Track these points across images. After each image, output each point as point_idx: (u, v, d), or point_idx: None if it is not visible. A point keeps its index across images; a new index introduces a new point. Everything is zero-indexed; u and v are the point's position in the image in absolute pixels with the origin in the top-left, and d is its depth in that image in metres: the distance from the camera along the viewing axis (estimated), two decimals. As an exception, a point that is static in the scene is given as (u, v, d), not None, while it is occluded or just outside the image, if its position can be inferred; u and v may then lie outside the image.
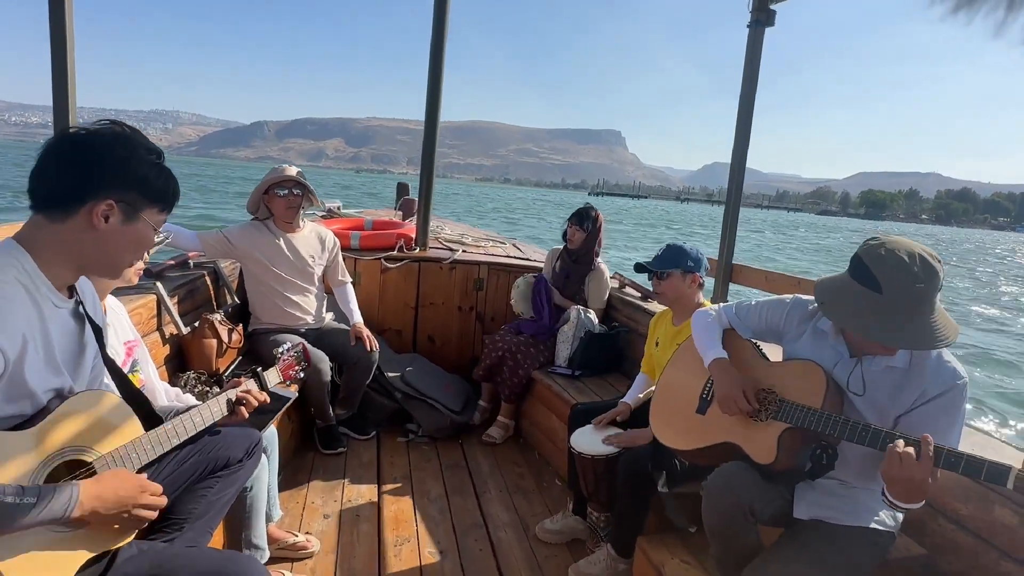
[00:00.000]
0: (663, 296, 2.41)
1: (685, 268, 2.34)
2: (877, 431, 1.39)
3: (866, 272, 1.44)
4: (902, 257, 1.40)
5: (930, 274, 1.39)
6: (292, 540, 2.25)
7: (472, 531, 2.55)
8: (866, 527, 1.53)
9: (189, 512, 1.50)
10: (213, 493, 1.54)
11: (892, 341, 1.42)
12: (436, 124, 4.00)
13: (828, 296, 1.53)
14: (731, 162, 3.19)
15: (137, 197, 1.15)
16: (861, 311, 1.44)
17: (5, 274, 1.06)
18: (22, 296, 1.07)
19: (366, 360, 3.15)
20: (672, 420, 1.87)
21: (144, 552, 1.26)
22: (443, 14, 3.74)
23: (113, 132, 1.15)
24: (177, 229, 2.92)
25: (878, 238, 1.49)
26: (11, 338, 1.03)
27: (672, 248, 2.39)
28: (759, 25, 2.87)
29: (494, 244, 4.83)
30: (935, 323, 1.40)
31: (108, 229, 1.13)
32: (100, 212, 1.11)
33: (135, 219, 1.16)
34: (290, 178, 2.96)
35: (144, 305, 2.41)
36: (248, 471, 1.65)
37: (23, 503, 0.97)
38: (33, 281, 1.10)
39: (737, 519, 1.57)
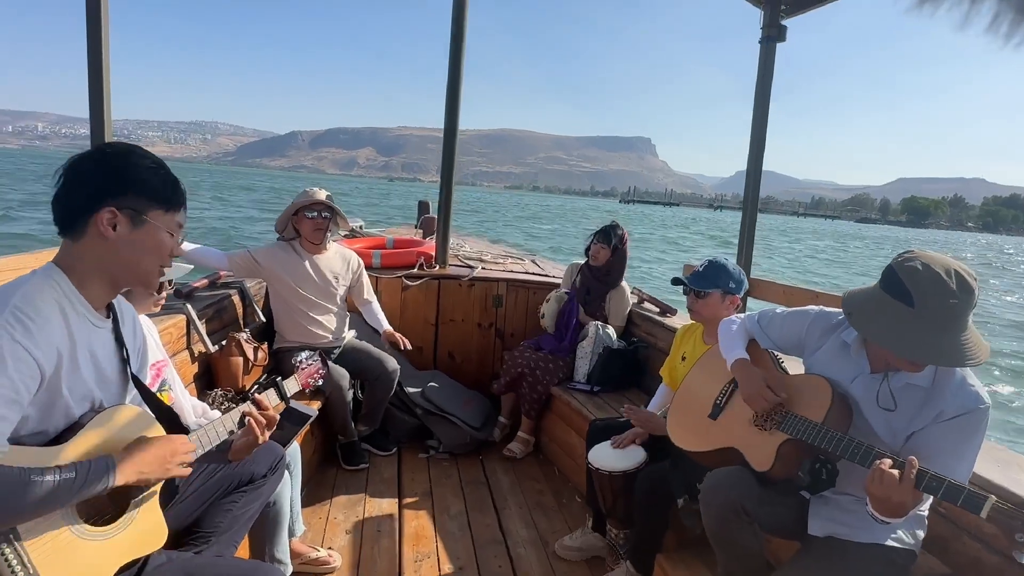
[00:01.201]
0: (697, 315, 2.34)
1: (726, 289, 2.27)
2: (868, 449, 1.39)
3: (899, 285, 1.42)
4: (938, 272, 1.38)
5: (965, 291, 1.37)
6: (315, 555, 2.29)
7: (491, 547, 2.57)
8: (883, 544, 1.51)
9: (216, 526, 1.56)
10: (238, 508, 1.60)
11: (920, 356, 1.40)
12: (455, 142, 4.08)
13: (857, 308, 1.51)
14: (746, 174, 3.20)
15: (137, 200, 1.19)
16: (891, 324, 1.42)
17: (44, 294, 1.13)
18: (58, 315, 1.13)
19: (387, 377, 3.21)
20: (686, 422, 1.91)
21: (173, 560, 1.32)
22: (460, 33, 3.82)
23: (109, 148, 1.21)
24: (206, 249, 3.02)
25: (913, 252, 1.47)
26: (47, 352, 1.09)
27: (714, 265, 2.30)
28: (771, 41, 2.90)
29: (513, 260, 4.88)
30: (966, 342, 1.37)
31: (118, 237, 1.17)
32: (105, 221, 1.16)
33: (142, 223, 1.19)
34: (320, 201, 3.05)
35: (174, 324, 2.50)
36: (272, 486, 1.70)
37: (63, 479, 1.03)
38: (71, 301, 1.17)
39: (728, 517, 1.58)
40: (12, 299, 1.08)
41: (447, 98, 3.95)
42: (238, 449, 1.47)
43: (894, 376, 1.52)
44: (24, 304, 1.08)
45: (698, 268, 2.35)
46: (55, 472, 1.03)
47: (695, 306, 2.34)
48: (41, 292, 1.13)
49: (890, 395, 1.52)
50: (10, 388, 1.02)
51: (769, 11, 2.88)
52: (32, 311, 1.09)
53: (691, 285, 2.31)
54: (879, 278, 1.51)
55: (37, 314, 1.09)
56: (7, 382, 1.02)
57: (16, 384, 1.03)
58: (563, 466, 3.30)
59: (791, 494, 1.64)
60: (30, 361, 1.06)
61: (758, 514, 1.58)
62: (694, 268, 2.42)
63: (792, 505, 1.64)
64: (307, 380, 1.83)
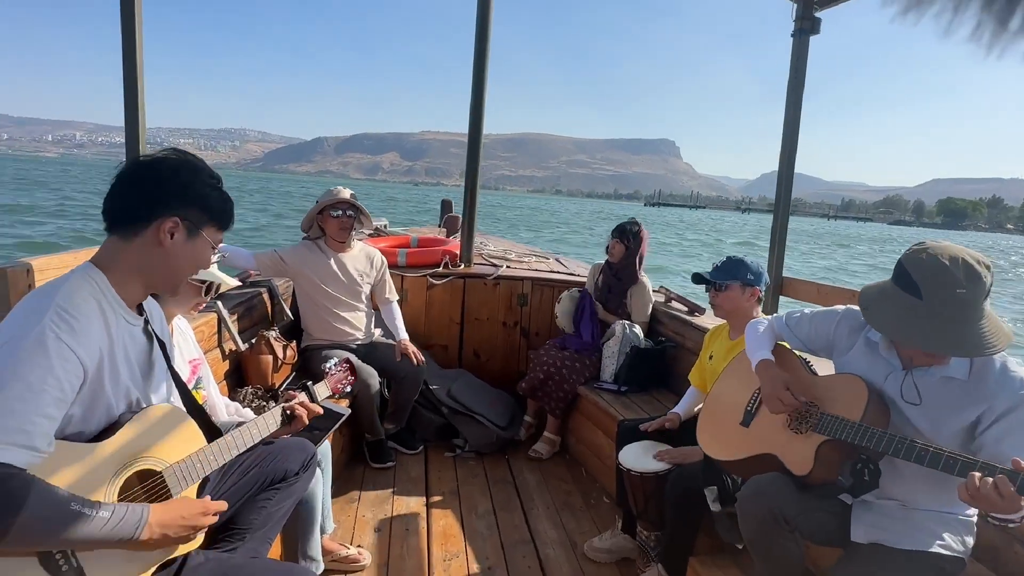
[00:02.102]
0: (719, 308, 2.37)
1: (745, 281, 2.31)
2: (924, 447, 1.33)
3: (907, 277, 1.42)
4: (943, 262, 1.37)
5: (973, 279, 1.35)
6: (345, 552, 2.30)
7: (520, 547, 2.55)
8: (930, 552, 1.46)
9: (250, 523, 1.57)
10: (272, 505, 1.60)
11: (932, 347, 1.38)
12: (479, 144, 4.07)
13: (870, 302, 1.51)
14: (779, 172, 3.13)
15: (199, 215, 1.24)
16: (901, 317, 1.41)
17: (83, 292, 1.14)
18: (97, 313, 1.15)
19: (414, 375, 3.21)
20: (717, 431, 1.87)
21: (211, 560, 1.33)
22: (485, 32, 3.81)
23: (178, 158, 1.25)
24: (234, 249, 3.06)
25: (923, 243, 1.46)
26: (90, 352, 1.11)
27: (732, 260, 2.36)
28: (804, 34, 2.83)
29: (538, 259, 4.86)
30: (983, 330, 1.35)
31: (173, 245, 1.21)
32: (167, 229, 1.20)
33: (197, 236, 1.25)
34: (345, 200, 3.07)
35: (206, 323, 2.53)
36: (304, 483, 1.71)
37: (98, 516, 1.04)
38: (107, 299, 1.18)
39: (770, 526, 1.54)
40: (55, 298, 1.10)
41: (472, 95, 3.94)
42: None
43: (926, 371, 1.49)
44: (67, 303, 1.10)
45: (716, 263, 2.39)
46: (92, 507, 1.04)
47: (716, 300, 2.36)
48: (81, 291, 1.14)
49: (915, 389, 1.49)
50: (56, 387, 1.03)
51: (802, 2, 2.81)
52: (75, 310, 1.10)
53: (710, 278, 2.34)
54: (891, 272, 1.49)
55: (80, 313, 1.11)
56: (54, 382, 1.03)
57: (62, 383, 1.04)
58: (590, 466, 3.27)
59: (832, 498, 1.60)
60: (74, 360, 1.07)
61: (799, 522, 1.54)
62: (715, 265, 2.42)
63: (833, 511, 1.59)
64: (336, 386, 1.86)
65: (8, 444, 0.96)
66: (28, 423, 0.99)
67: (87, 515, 1.02)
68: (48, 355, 1.03)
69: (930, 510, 1.53)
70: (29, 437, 0.99)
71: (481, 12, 3.78)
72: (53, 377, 1.03)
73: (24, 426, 0.98)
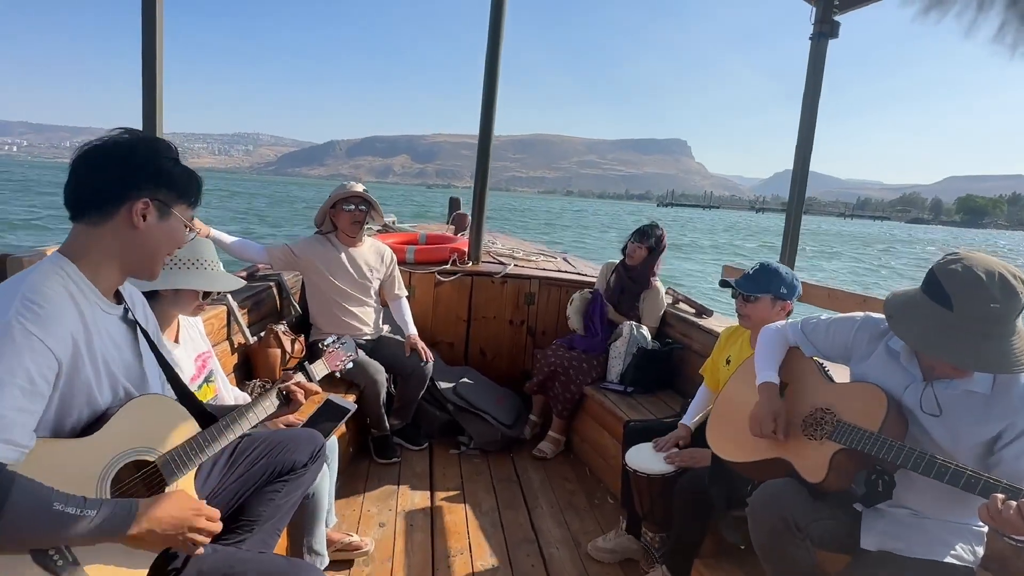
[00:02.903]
0: (747, 319, 2.25)
1: (777, 294, 2.18)
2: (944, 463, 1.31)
3: (938, 287, 1.39)
4: (979, 274, 1.33)
5: (1009, 295, 1.32)
6: (348, 540, 2.31)
7: (524, 546, 2.55)
8: (940, 561, 1.45)
9: (259, 515, 1.57)
10: (280, 497, 1.61)
11: (960, 361, 1.35)
12: (489, 143, 4.06)
13: (897, 311, 1.47)
14: (793, 175, 3.12)
15: (168, 194, 1.21)
16: (928, 327, 1.38)
17: (52, 281, 1.10)
18: (69, 301, 1.11)
19: (420, 372, 3.22)
20: (728, 433, 1.85)
21: (218, 552, 1.32)
22: (498, 32, 3.81)
23: (133, 137, 1.21)
24: (245, 242, 3.07)
25: (957, 253, 1.42)
26: (61, 341, 1.06)
27: (766, 269, 2.21)
28: (822, 37, 2.81)
29: (545, 258, 4.85)
30: (1013, 347, 1.32)
31: (146, 227, 1.19)
32: (138, 211, 1.17)
33: (168, 215, 1.22)
34: (357, 194, 3.07)
35: (215, 316, 2.54)
36: (313, 475, 1.71)
37: (84, 515, 0.99)
38: (80, 288, 1.14)
39: (781, 533, 1.52)
40: (20, 288, 1.06)
41: (483, 94, 3.94)
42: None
43: (948, 383, 1.47)
44: (33, 293, 1.06)
45: (748, 271, 2.27)
46: (77, 504, 1.00)
47: (744, 310, 2.24)
48: (48, 280, 1.10)
49: (934, 400, 1.47)
50: (26, 379, 0.99)
51: (822, 6, 2.79)
52: (42, 299, 1.06)
53: (739, 289, 2.22)
54: (922, 281, 1.46)
55: (47, 301, 1.06)
56: (23, 373, 0.99)
57: (33, 375, 1.00)
58: (595, 466, 3.27)
59: (844, 507, 1.58)
60: (44, 350, 1.03)
61: (810, 529, 1.53)
62: (742, 271, 2.35)
63: (844, 518, 1.58)
64: (335, 364, 1.84)
65: None
66: (2, 418, 0.95)
67: (71, 513, 0.98)
68: (16, 347, 0.99)
69: (942, 520, 1.51)
70: (6, 431, 0.95)
71: (494, 14, 3.78)
72: (22, 368, 0.99)
73: (3, 423, 0.95)
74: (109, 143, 1.19)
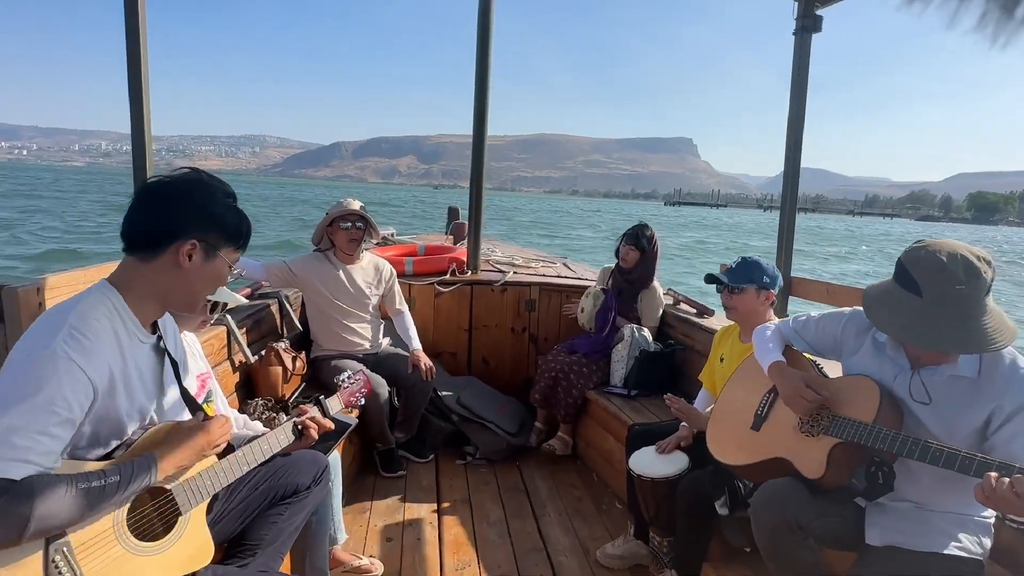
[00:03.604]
0: (733, 311, 2.33)
1: (760, 284, 2.27)
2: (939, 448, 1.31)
3: (906, 275, 1.42)
4: (941, 259, 1.37)
5: (972, 275, 1.34)
6: (356, 563, 2.30)
7: (532, 555, 2.54)
8: (947, 554, 1.44)
9: (261, 538, 1.57)
10: (283, 520, 1.61)
11: (934, 344, 1.38)
12: (483, 150, 4.07)
13: (873, 301, 1.50)
14: (784, 170, 3.12)
15: (217, 237, 1.26)
16: (902, 315, 1.41)
17: (97, 311, 1.16)
18: (110, 333, 1.17)
19: (423, 384, 3.22)
20: (727, 436, 1.86)
21: (221, 573, 1.33)
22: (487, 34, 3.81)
23: (193, 178, 1.28)
24: (244, 261, 3.08)
25: (923, 241, 1.45)
26: (99, 371, 1.12)
27: (748, 262, 2.31)
28: (806, 32, 2.82)
29: (544, 264, 4.86)
30: (986, 326, 1.34)
31: (191, 267, 1.23)
32: (185, 251, 1.22)
33: (214, 257, 1.26)
34: (354, 212, 3.09)
35: (216, 336, 2.55)
36: (316, 497, 1.71)
37: (108, 483, 1.07)
38: (122, 318, 1.20)
39: (784, 534, 1.52)
40: (68, 317, 1.12)
41: (475, 102, 3.94)
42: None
43: (934, 370, 1.48)
44: (79, 323, 1.12)
45: (731, 265, 2.35)
46: (100, 476, 1.07)
47: (730, 302, 2.32)
48: (95, 310, 1.16)
49: (923, 388, 1.48)
50: (65, 408, 1.05)
51: (804, 1, 2.80)
52: (87, 329, 1.12)
53: (726, 281, 2.29)
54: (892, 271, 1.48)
55: (91, 332, 1.12)
56: (62, 402, 1.04)
57: (71, 403, 1.06)
58: (601, 472, 3.25)
59: (846, 502, 1.58)
60: (84, 380, 1.09)
61: (813, 528, 1.52)
62: (728, 267, 2.39)
63: (847, 515, 1.57)
64: (349, 399, 1.86)
65: (16, 460, 0.98)
66: (36, 442, 1.00)
67: (98, 487, 1.05)
68: (58, 374, 1.05)
69: (946, 511, 1.50)
70: (36, 454, 1.00)
71: (482, 14, 3.79)
72: (61, 397, 1.04)
73: (32, 444, 1.00)
74: (169, 183, 1.25)
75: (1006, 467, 1.21)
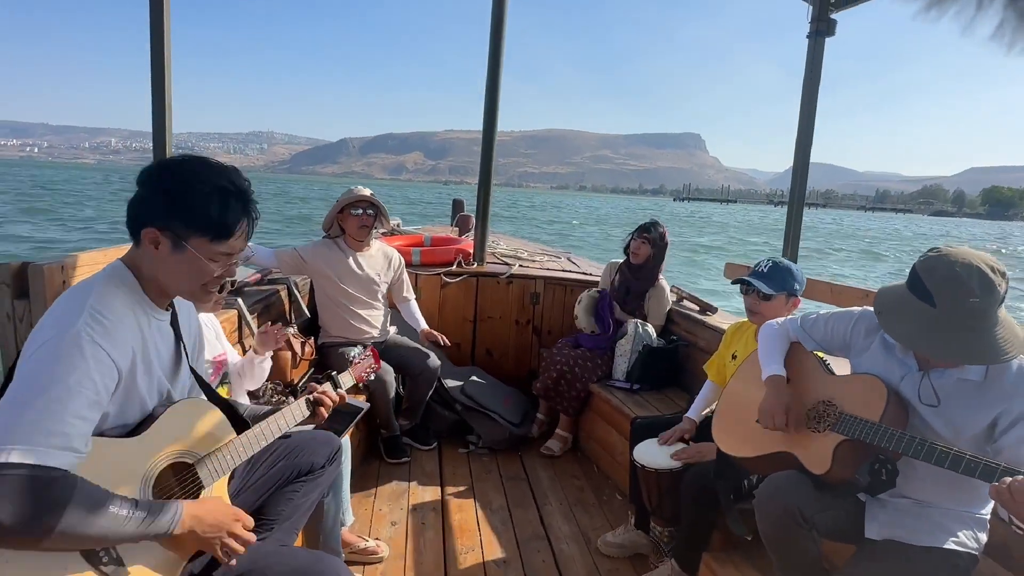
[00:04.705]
0: (759, 316, 2.25)
1: (791, 292, 2.22)
2: (945, 449, 1.34)
3: (920, 284, 1.43)
4: (957, 271, 1.37)
5: (987, 288, 1.36)
6: (363, 545, 2.35)
7: (534, 542, 2.59)
8: (944, 548, 1.48)
9: (278, 514, 1.61)
10: (299, 497, 1.65)
11: (945, 355, 1.40)
12: (492, 144, 4.10)
13: (885, 307, 1.52)
14: (793, 170, 3.15)
15: (181, 227, 1.18)
16: (915, 324, 1.43)
17: (114, 292, 1.18)
18: (129, 313, 1.19)
19: (428, 372, 3.26)
20: (733, 429, 1.89)
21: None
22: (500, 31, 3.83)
23: (180, 166, 1.20)
24: (255, 247, 3.11)
25: (939, 249, 1.46)
26: (123, 352, 1.14)
27: (780, 268, 2.23)
28: (820, 35, 2.85)
29: (550, 258, 4.89)
30: (998, 336, 1.36)
31: (161, 255, 1.19)
32: (149, 238, 1.18)
33: (182, 248, 1.19)
34: (364, 198, 3.11)
35: (227, 320, 2.58)
36: (330, 476, 1.75)
37: (134, 516, 1.06)
38: (137, 297, 1.22)
39: (787, 524, 1.56)
40: (89, 299, 1.12)
41: (486, 96, 3.97)
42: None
43: (942, 372, 1.51)
44: (100, 304, 1.13)
45: (761, 269, 2.27)
46: (130, 506, 1.06)
47: (757, 308, 2.24)
48: (113, 291, 1.17)
49: (932, 391, 1.50)
50: (92, 390, 1.06)
51: (818, 5, 2.83)
52: (108, 311, 1.13)
53: (759, 288, 2.21)
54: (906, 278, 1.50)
55: (112, 313, 1.13)
56: (90, 384, 1.06)
57: (98, 386, 1.07)
58: (603, 463, 3.30)
59: (848, 497, 1.62)
60: (108, 362, 1.10)
61: (816, 520, 1.56)
62: (745, 267, 2.37)
63: (848, 508, 1.61)
64: (360, 374, 1.89)
65: (51, 447, 0.99)
66: (68, 425, 1.01)
67: (124, 516, 1.04)
68: (84, 357, 1.06)
69: (944, 508, 1.54)
70: (69, 439, 1.01)
71: (496, 11, 3.81)
72: (89, 379, 1.05)
73: (64, 428, 1.01)
74: (153, 167, 1.22)
75: (1010, 471, 1.23)
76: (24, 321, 1.73)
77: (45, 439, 0.98)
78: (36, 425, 0.99)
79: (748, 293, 2.27)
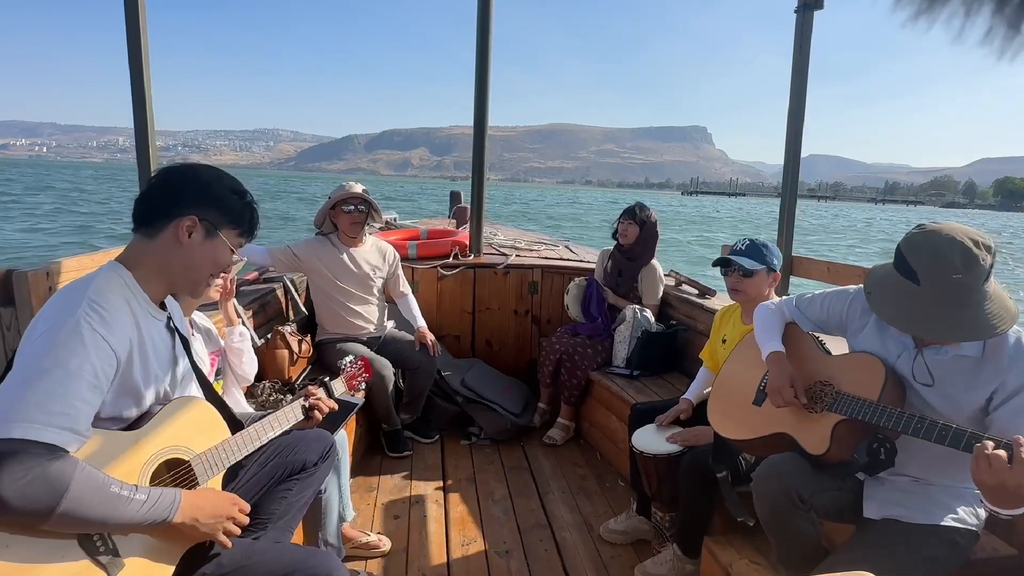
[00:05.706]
0: (743, 294, 2.29)
1: (771, 267, 2.26)
2: (945, 426, 1.31)
3: (904, 263, 1.41)
4: (939, 247, 1.35)
5: (970, 263, 1.33)
6: (365, 539, 2.35)
7: (536, 531, 2.59)
8: (943, 525, 1.47)
9: (271, 513, 1.61)
10: (292, 495, 1.65)
11: (932, 333, 1.38)
12: (484, 134, 4.07)
13: (874, 287, 1.50)
14: (785, 150, 3.11)
15: (217, 216, 1.29)
16: (899, 302, 1.41)
17: (111, 287, 1.20)
18: (126, 307, 1.21)
19: (428, 366, 3.25)
20: (729, 411, 1.87)
21: (236, 545, 1.37)
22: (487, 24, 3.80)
23: (203, 165, 1.32)
24: (249, 247, 3.10)
25: (924, 225, 1.43)
26: (121, 342, 1.16)
27: (757, 245, 2.29)
28: (808, 9, 2.80)
29: (547, 247, 4.87)
30: (987, 312, 1.33)
31: (191, 244, 1.26)
32: (184, 227, 1.25)
33: (214, 236, 1.29)
34: (356, 195, 3.10)
35: (220, 320, 2.57)
36: (323, 473, 1.75)
37: (135, 499, 1.09)
38: (134, 294, 1.24)
39: (785, 505, 1.54)
40: (87, 291, 1.15)
41: (476, 87, 3.94)
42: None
43: (937, 349, 1.48)
44: (97, 296, 1.15)
45: (739, 248, 2.31)
46: (130, 489, 1.09)
47: (740, 286, 2.27)
48: (110, 285, 1.20)
49: (925, 369, 1.48)
50: (92, 375, 1.09)
51: (806, -23, 2.78)
52: (105, 303, 1.16)
53: (740, 264, 2.25)
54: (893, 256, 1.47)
55: (110, 305, 1.16)
56: (90, 368, 1.08)
57: (97, 371, 1.10)
58: (604, 450, 3.29)
59: (846, 477, 1.60)
60: (107, 349, 1.12)
61: (814, 500, 1.55)
62: (733, 248, 2.37)
63: (847, 488, 1.60)
64: (351, 382, 1.91)
65: (54, 427, 1.01)
66: (70, 407, 1.04)
67: (126, 497, 1.07)
68: (84, 343, 1.08)
69: (942, 485, 1.53)
70: (72, 420, 1.04)
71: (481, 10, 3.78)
72: (89, 364, 1.08)
73: (67, 410, 1.03)
74: (179, 166, 1.30)
75: (1006, 445, 1.20)
76: (12, 329, 1.72)
77: (48, 418, 1.01)
78: (39, 405, 1.01)
79: (730, 273, 2.30)
